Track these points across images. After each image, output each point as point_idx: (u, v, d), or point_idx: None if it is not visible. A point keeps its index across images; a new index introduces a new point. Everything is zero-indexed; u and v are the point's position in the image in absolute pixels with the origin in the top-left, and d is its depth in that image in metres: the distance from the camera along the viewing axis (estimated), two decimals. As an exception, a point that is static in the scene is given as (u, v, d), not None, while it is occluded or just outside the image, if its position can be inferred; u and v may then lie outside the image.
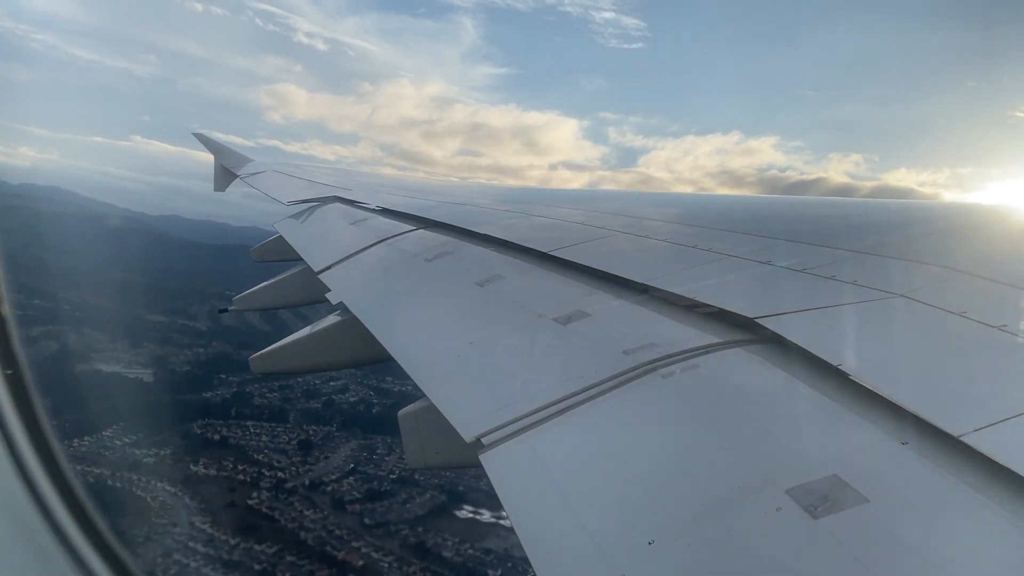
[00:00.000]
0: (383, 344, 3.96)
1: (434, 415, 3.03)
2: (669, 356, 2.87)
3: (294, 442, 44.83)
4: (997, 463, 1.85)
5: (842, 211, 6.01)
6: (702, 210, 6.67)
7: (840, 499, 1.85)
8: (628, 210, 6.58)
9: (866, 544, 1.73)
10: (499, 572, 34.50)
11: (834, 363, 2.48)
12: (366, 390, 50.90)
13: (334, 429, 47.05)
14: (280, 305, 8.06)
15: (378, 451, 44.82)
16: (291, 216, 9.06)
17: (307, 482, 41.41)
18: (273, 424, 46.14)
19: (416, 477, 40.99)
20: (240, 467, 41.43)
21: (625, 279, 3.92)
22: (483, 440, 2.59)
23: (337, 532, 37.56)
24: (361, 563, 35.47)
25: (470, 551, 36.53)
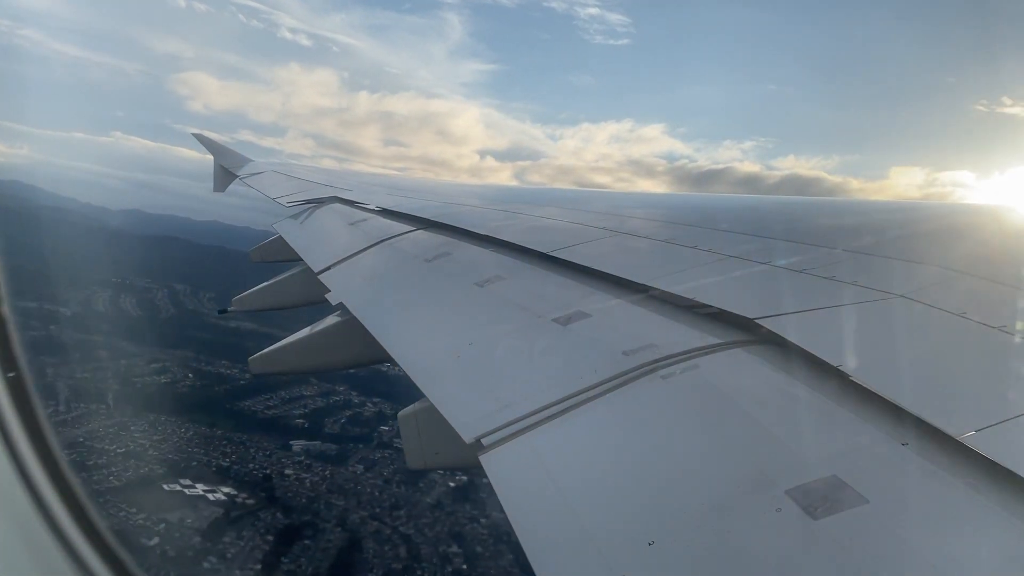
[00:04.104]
0: (382, 345, 3.96)
1: (434, 416, 3.03)
2: (669, 357, 2.86)
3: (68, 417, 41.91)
4: (997, 464, 1.85)
5: (841, 211, 6.01)
6: (701, 210, 6.68)
7: (840, 500, 1.85)
8: (626, 210, 6.59)
9: (866, 545, 1.73)
10: (154, 540, 32.64)
11: (834, 364, 2.48)
12: (188, 373, 49.15)
13: (132, 408, 44.15)
14: (280, 305, 8.08)
15: (160, 428, 42.67)
16: (290, 216, 9.06)
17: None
18: (54, 403, 41.99)
19: (169, 456, 39.74)
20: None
21: (625, 279, 3.92)
22: (483, 441, 2.59)
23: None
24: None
25: (141, 521, 34.13)
